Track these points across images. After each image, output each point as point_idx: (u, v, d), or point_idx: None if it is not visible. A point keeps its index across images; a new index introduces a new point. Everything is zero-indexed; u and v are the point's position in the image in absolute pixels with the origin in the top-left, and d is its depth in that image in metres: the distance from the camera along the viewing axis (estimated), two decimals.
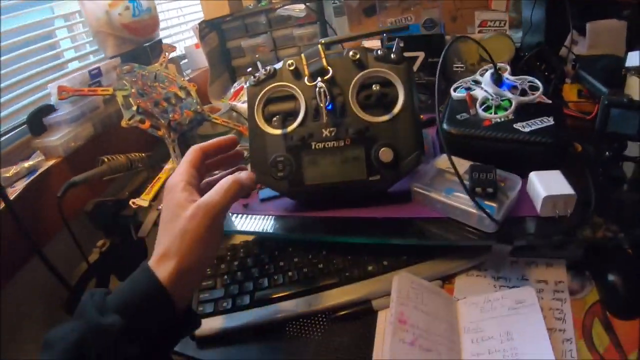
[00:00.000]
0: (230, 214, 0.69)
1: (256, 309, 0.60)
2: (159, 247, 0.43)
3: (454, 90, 0.73)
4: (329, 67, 0.60)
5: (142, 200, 0.78)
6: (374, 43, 0.86)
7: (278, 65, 0.64)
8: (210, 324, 0.59)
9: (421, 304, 0.55)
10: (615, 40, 0.88)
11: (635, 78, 0.75)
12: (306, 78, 0.61)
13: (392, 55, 0.60)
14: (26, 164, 0.77)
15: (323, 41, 0.64)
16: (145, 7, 1.01)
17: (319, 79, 0.59)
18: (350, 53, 0.60)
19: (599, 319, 0.54)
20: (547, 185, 0.57)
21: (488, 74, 0.68)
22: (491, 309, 0.56)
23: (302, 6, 1.01)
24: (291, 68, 0.62)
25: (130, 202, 0.78)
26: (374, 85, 0.59)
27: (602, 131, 0.63)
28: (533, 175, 0.59)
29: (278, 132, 0.62)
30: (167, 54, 0.96)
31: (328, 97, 0.59)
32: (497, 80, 0.67)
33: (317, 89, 0.59)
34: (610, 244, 0.56)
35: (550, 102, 0.69)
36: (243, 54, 1.12)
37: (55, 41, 1.01)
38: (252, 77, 0.65)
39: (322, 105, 0.59)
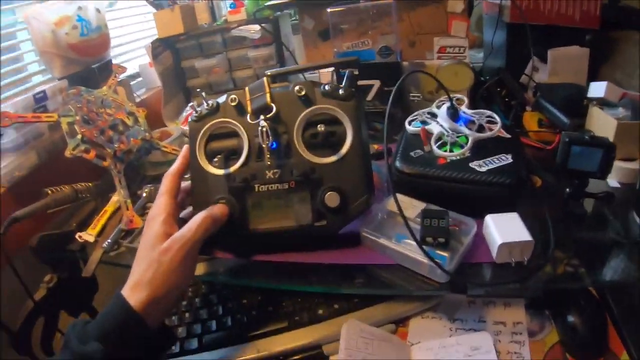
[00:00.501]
0: None
1: (204, 353, 0.59)
2: (134, 276, 0.47)
3: (409, 124, 0.70)
4: (272, 104, 0.56)
5: (88, 235, 0.73)
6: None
7: (221, 99, 0.60)
8: None
9: (370, 355, 0.52)
10: (576, 68, 0.87)
11: (597, 109, 0.74)
12: (248, 115, 0.57)
13: (340, 91, 0.56)
14: None
15: (269, 73, 0.60)
16: (94, 25, 0.95)
17: (262, 116, 0.55)
18: (296, 88, 0.56)
19: None
20: (503, 230, 0.54)
21: (444, 108, 0.65)
22: (446, 355, 0.55)
23: (257, 27, 0.96)
24: (234, 103, 0.58)
25: (77, 236, 0.73)
26: (319, 125, 0.55)
27: (563, 168, 0.61)
28: (489, 219, 0.57)
29: (220, 172, 0.58)
30: (117, 75, 0.91)
31: (271, 136, 0.54)
32: (454, 114, 0.64)
33: (260, 128, 0.54)
34: (571, 282, 0.55)
35: (509, 136, 0.66)
36: (198, 75, 1.07)
37: (20, 54, 0.96)
38: (193, 111, 0.60)
39: (264, 145, 0.55)
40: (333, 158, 0.56)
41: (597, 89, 0.75)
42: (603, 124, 0.72)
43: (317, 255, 0.59)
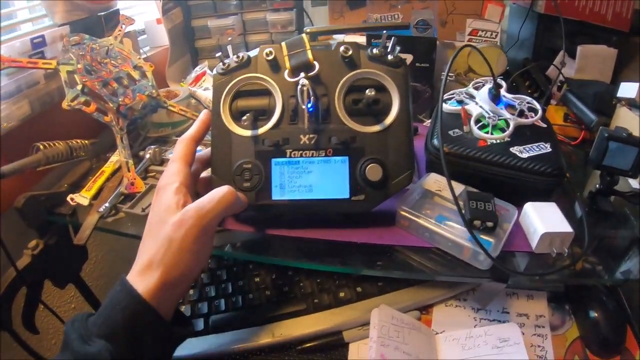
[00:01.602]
0: None
1: (211, 335, 0.54)
2: (143, 256, 0.40)
3: (445, 102, 0.66)
4: (315, 62, 0.51)
5: (82, 197, 0.66)
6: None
7: (253, 53, 0.54)
8: None
9: (402, 344, 0.50)
10: (603, 67, 0.86)
11: (625, 109, 0.73)
12: (286, 72, 0.51)
13: (389, 57, 0.51)
14: None
15: (308, 30, 0.55)
16: None
17: (302, 74, 0.50)
18: (342, 48, 0.51)
19: (579, 357, 0.54)
20: (545, 220, 0.52)
21: (485, 89, 0.62)
22: (473, 346, 0.53)
23: None
24: (269, 58, 0.52)
25: (68, 198, 0.66)
26: (368, 90, 0.50)
27: (597, 164, 0.60)
28: (529, 208, 0.54)
29: (247, 133, 0.52)
30: (123, 26, 0.83)
31: (312, 97, 0.49)
32: (495, 96, 0.61)
33: (300, 87, 0.49)
34: (596, 278, 0.55)
35: (545, 126, 0.63)
36: (209, 35, 0.99)
37: None
38: (220, 63, 0.54)
39: (303, 106, 0.50)
40: (377, 127, 0.51)
41: (629, 89, 0.74)
42: (630, 124, 0.71)
43: (347, 233, 0.54)
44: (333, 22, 0.92)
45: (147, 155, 0.72)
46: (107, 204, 0.63)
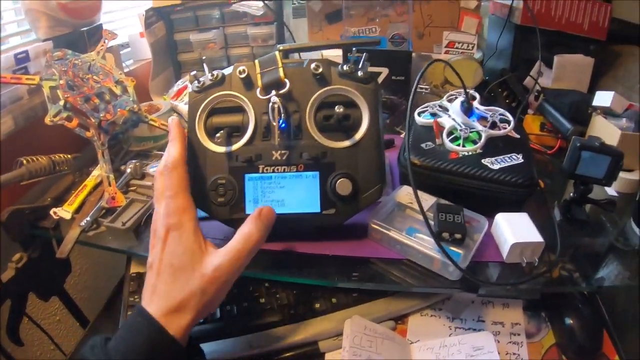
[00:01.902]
0: None
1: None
2: (171, 299, 0.39)
3: (419, 115, 0.67)
4: (286, 80, 0.52)
5: (64, 211, 0.67)
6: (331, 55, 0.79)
7: (227, 71, 0.55)
8: None
9: (375, 354, 0.50)
10: (580, 76, 0.87)
11: (601, 118, 0.74)
12: (258, 90, 0.52)
13: (359, 73, 0.53)
14: None
15: (281, 47, 0.56)
16: None
17: (274, 92, 0.51)
18: (313, 65, 0.52)
19: None
20: (515, 230, 0.53)
21: (458, 102, 0.63)
22: (447, 355, 0.54)
23: (260, 3, 0.91)
24: (242, 76, 0.53)
25: (51, 212, 0.67)
26: (337, 106, 0.51)
27: (570, 172, 0.60)
28: (500, 218, 0.55)
29: (221, 149, 0.53)
30: (106, 41, 0.84)
31: (282, 114, 0.50)
32: (467, 109, 0.62)
33: (271, 104, 0.50)
34: (571, 286, 0.55)
35: (518, 136, 0.65)
36: (191, 49, 1.01)
37: None
38: (195, 80, 0.55)
39: (274, 123, 0.51)
40: (347, 143, 0.52)
41: (604, 98, 0.75)
42: (606, 133, 0.72)
43: (320, 245, 0.55)
44: (312, 35, 0.94)
45: (128, 170, 0.73)
46: (88, 218, 0.64)
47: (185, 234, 0.42)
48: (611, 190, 0.71)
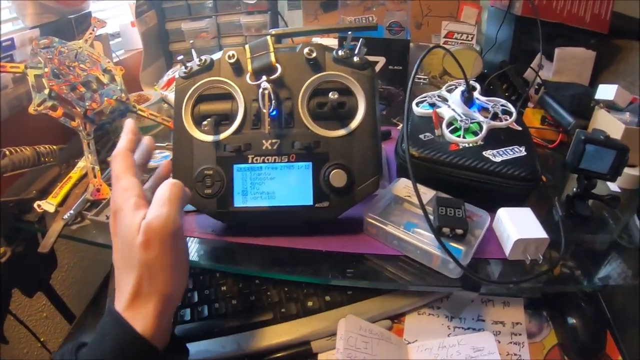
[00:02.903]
0: None
1: None
2: (126, 288, 0.36)
3: (417, 105, 0.65)
4: (278, 65, 0.49)
5: (48, 204, 0.64)
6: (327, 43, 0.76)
7: (216, 56, 0.52)
8: None
9: (370, 355, 0.48)
10: (581, 69, 0.85)
11: (604, 112, 0.72)
12: (248, 75, 0.49)
13: (355, 59, 0.50)
14: None
15: (273, 32, 0.53)
16: None
17: (264, 77, 0.48)
18: (306, 50, 0.50)
19: None
20: (518, 226, 0.51)
21: (458, 92, 0.60)
22: (446, 356, 0.52)
23: None
24: (231, 61, 0.50)
25: (35, 205, 0.64)
26: (331, 93, 0.48)
27: (574, 167, 0.58)
28: (503, 213, 0.53)
29: (209, 138, 0.50)
30: (95, 29, 0.81)
31: (274, 101, 0.48)
32: (468, 99, 0.60)
33: (261, 91, 0.47)
34: (575, 284, 0.53)
35: (520, 129, 0.62)
36: (183, 38, 0.98)
37: None
38: (183, 66, 0.52)
39: (265, 110, 0.48)
40: (341, 132, 0.50)
41: (607, 91, 0.73)
42: (609, 127, 0.70)
43: (313, 241, 0.52)
44: (307, 24, 0.91)
45: None
46: (72, 211, 0.61)
47: (126, 213, 0.38)
48: (613, 186, 0.69)
